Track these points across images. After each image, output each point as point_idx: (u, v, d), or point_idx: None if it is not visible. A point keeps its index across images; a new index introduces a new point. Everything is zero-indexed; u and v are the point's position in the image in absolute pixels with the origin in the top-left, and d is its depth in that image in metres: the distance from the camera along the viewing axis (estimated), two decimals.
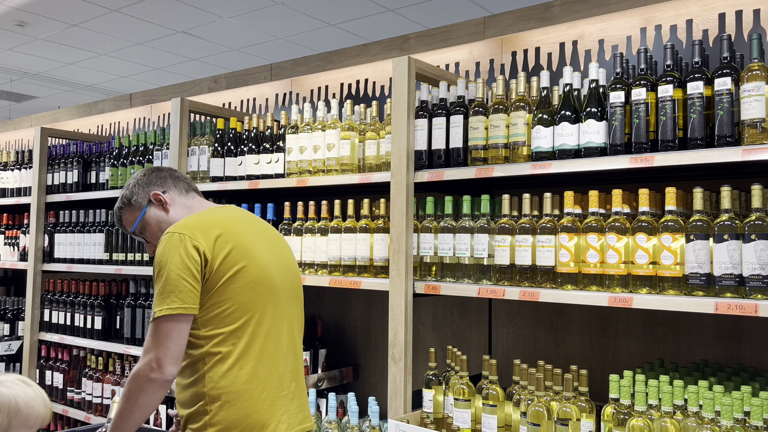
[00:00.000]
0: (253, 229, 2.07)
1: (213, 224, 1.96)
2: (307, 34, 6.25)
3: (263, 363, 1.94)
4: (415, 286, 2.53)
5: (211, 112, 3.51)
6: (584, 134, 2.16)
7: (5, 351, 4.21)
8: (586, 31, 2.89)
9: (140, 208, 2.14)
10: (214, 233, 1.92)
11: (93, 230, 3.89)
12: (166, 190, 2.16)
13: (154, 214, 2.13)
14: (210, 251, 1.88)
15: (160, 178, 2.17)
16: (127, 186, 2.19)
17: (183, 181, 2.21)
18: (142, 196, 2.14)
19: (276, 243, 2.14)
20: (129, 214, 2.16)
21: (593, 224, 2.14)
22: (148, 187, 2.15)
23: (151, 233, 2.14)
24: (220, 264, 1.89)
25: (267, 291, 1.98)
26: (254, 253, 1.97)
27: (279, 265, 2.06)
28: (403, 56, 2.55)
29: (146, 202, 2.13)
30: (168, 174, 2.20)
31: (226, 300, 1.89)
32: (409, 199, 2.53)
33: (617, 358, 2.67)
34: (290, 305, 2.10)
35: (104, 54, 7.24)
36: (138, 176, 2.19)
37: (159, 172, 2.19)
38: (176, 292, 1.82)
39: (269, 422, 1.91)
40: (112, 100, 5.06)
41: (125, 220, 2.18)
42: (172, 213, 2.13)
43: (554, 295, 2.18)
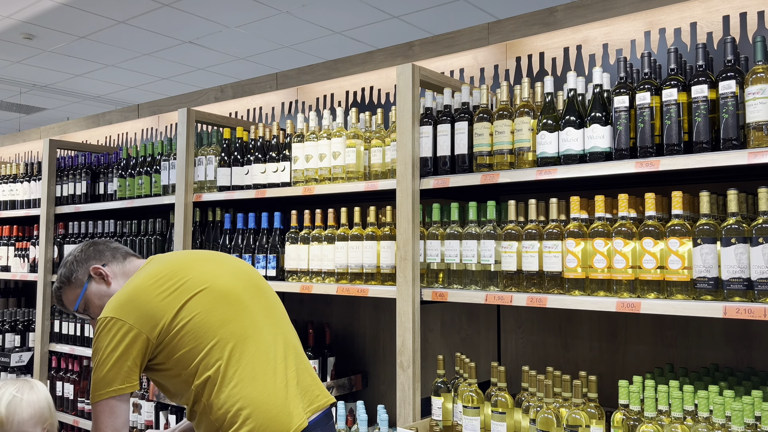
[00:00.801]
0: (184, 257, 2.10)
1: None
2: (313, 42, 6.28)
3: (253, 363, 1.91)
4: (422, 293, 2.53)
5: (218, 122, 3.53)
6: (589, 139, 2.16)
7: (16, 362, 4.23)
8: (590, 35, 2.89)
9: (81, 285, 2.08)
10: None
11: None
12: (105, 263, 2.11)
13: (96, 290, 2.08)
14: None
15: (98, 252, 2.12)
16: (65, 264, 2.12)
17: (119, 250, 2.17)
18: (82, 272, 2.09)
19: (215, 258, 2.13)
20: (69, 292, 2.10)
21: (600, 229, 2.13)
22: (87, 263, 2.09)
23: (94, 310, 2.09)
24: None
25: (222, 302, 1.95)
26: (194, 280, 1.95)
27: (225, 272, 2.03)
28: (407, 63, 2.56)
29: (86, 277, 2.08)
30: (105, 246, 2.15)
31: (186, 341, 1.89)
32: (415, 206, 2.53)
33: (627, 363, 2.66)
34: (255, 299, 2.03)
35: (111, 65, 7.30)
36: (75, 253, 2.13)
37: (95, 246, 2.15)
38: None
39: (284, 413, 1.89)
40: (120, 111, 5.10)
41: (66, 300, 2.12)
42: (113, 286, 2.08)
43: (562, 300, 2.17)
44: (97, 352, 1.85)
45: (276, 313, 2.07)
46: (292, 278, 2.99)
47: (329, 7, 5.35)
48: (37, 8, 5.47)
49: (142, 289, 1.92)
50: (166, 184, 3.56)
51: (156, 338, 1.86)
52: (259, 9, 5.43)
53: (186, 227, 3.35)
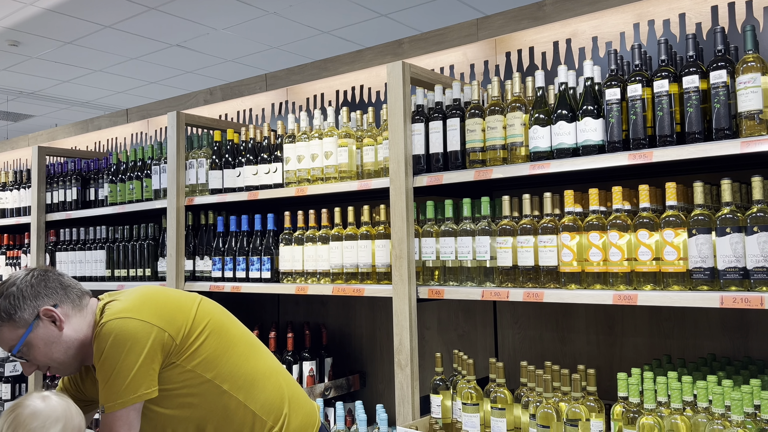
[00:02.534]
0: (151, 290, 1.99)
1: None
2: (301, 43, 6.25)
3: (265, 360, 2.01)
4: (419, 291, 2.53)
5: (208, 125, 3.51)
6: (582, 132, 2.16)
7: (11, 372, 4.20)
8: (579, 29, 2.88)
9: (25, 326, 1.79)
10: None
11: (94, 247, 3.88)
12: (57, 303, 1.83)
13: (44, 334, 1.80)
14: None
15: (49, 289, 1.83)
16: (6, 295, 1.79)
17: (72, 289, 1.89)
18: (29, 312, 1.79)
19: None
20: (8, 331, 1.79)
21: (594, 222, 2.13)
22: (35, 301, 1.80)
23: (36, 355, 1.82)
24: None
25: (221, 312, 2.01)
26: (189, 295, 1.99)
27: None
28: (397, 61, 2.55)
29: (33, 318, 1.79)
30: (57, 283, 1.86)
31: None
32: (409, 204, 2.52)
33: (624, 355, 2.66)
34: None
35: (99, 70, 7.25)
36: (19, 284, 1.81)
37: (46, 281, 1.85)
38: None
39: (312, 402, 2.08)
40: (109, 116, 5.06)
41: (1, 339, 1.81)
42: (66, 331, 1.82)
43: (558, 295, 2.17)
44: (116, 358, 1.70)
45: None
46: (287, 280, 2.98)
47: (316, 6, 5.34)
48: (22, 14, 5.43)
49: (152, 294, 1.88)
50: (157, 189, 3.54)
51: (180, 340, 1.79)
52: (247, 10, 5.40)
53: (179, 231, 3.33)
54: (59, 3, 5.26)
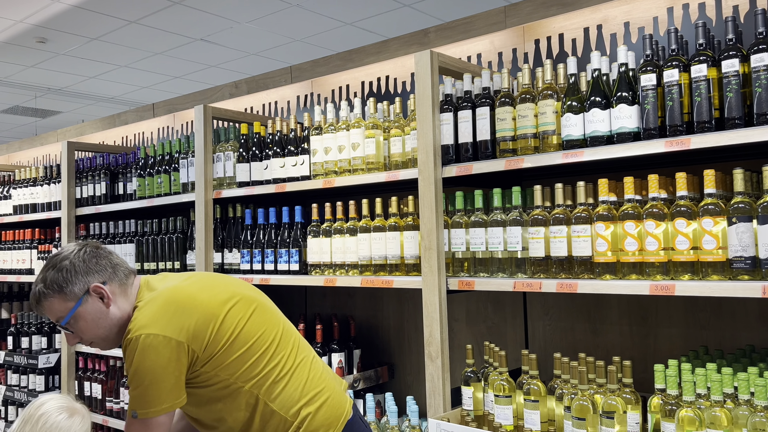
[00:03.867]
0: (197, 277, 2.06)
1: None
2: (324, 35, 6.24)
3: (295, 354, 2.02)
4: (448, 282, 2.50)
5: (234, 118, 3.51)
6: (616, 120, 2.11)
7: (44, 364, 4.27)
8: (610, 14, 2.82)
9: (75, 299, 1.83)
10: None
11: (123, 241, 3.92)
12: (106, 281, 1.87)
13: (92, 309, 1.85)
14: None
15: (100, 266, 1.88)
16: (57, 267, 1.85)
17: (120, 267, 1.94)
18: (79, 286, 1.83)
19: (220, 276, 2.17)
20: (58, 303, 1.84)
21: (630, 211, 2.08)
22: (86, 276, 1.85)
23: (82, 328, 1.87)
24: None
25: (255, 307, 2.01)
26: (228, 290, 1.99)
27: (238, 285, 2.08)
28: (425, 50, 2.52)
29: (83, 293, 1.84)
30: (107, 260, 1.91)
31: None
32: (438, 195, 2.50)
33: (658, 346, 2.61)
34: (267, 302, 2.12)
35: (124, 66, 7.31)
36: (72, 258, 1.86)
37: (98, 258, 1.89)
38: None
39: (341, 394, 2.07)
40: (135, 111, 5.10)
41: (50, 309, 1.86)
42: (112, 309, 1.87)
43: (593, 285, 2.13)
44: (145, 373, 1.75)
45: (280, 314, 2.15)
46: (315, 272, 2.97)
47: None
48: (49, 11, 5.49)
49: (189, 294, 1.89)
50: (185, 182, 3.55)
51: (203, 351, 1.84)
52: (270, 3, 5.40)
53: (207, 224, 3.34)
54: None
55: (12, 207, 4.77)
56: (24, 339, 4.48)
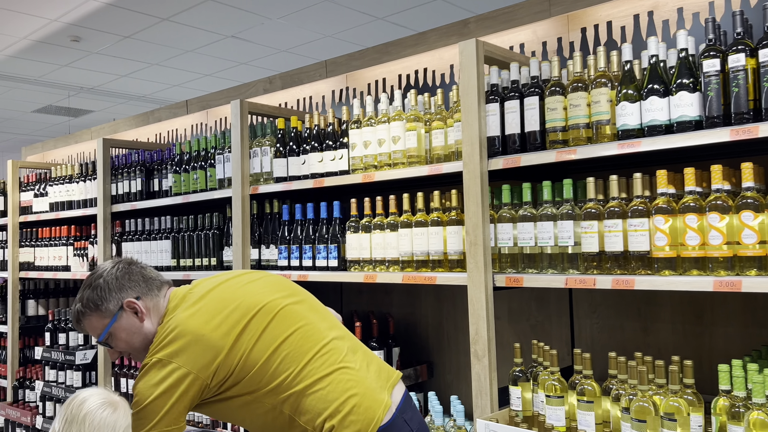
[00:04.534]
0: (224, 284, 2.05)
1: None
2: (356, 30, 6.19)
3: (320, 361, 1.90)
4: (495, 279, 2.42)
5: (271, 113, 3.47)
6: (676, 108, 2.01)
7: (81, 360, 4.28)
8: (660, 0, 2.71)
9: (110, 316, 1.90)
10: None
11: (159, 237, 3.91)
12: (140, 296, 1.93)
13: (127, 324, 1.91)
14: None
15: (132, 281, 1.94)
16: (93, 286, 1.92)
17: (154, 282, 2.00)
18: (114, 303, 1.90)
19: (251, 276, 2.12)
20: (95, 320, 1.92)
21: (691, 204, 1.98)
22: (120, 293, 1.91)
23: (118, 343, 1.94)
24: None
25: (278, 316, 1.95)
26: (246, 304, 1.93)
27: (267, 288, 2.03)
28: (470, 39, 2.44)
29: (118, 309, 1.90)
30: (140, 276, 1.98)
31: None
32: (484, 189, 2.42)
33: (714, 346, 2.50)
34: (300, 303, 2.04)
35: (156, 64, 7.35)
36: (106, 276, 1.93)
37: (130, 274, 1.96)
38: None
39: (375, 393, 1.90)
40: (169, 108, 5.10)
41: (89, 326, 1.94)
42: (146, 324, 1.92)
43: (651, 282, 2.04)
44: (146, 394, 1.75)
45: (321, 310, 2.09)
46: (354, 268, 2.91)
47: None
48: (83, 10, 5.52)
49: (193, 328, 1.84)
50: (221, 178, 3.52)
51: (212, 378, 1.81)
52: None
53: (244, 220, 3.31)
54: None
55: (48, 204, 4.80)
56: (61, 335, 4.50)
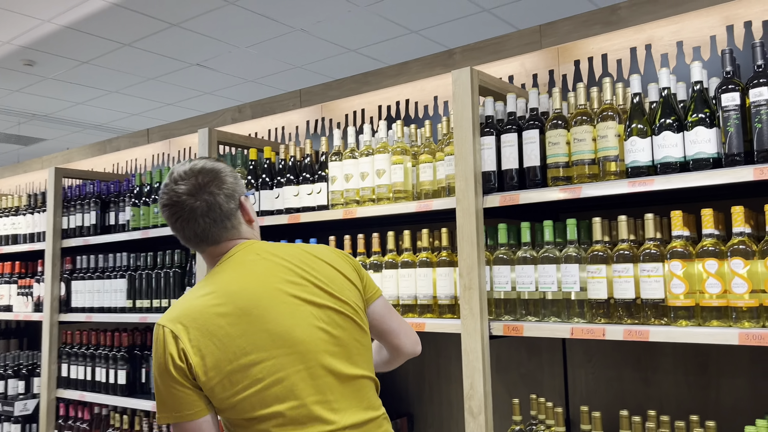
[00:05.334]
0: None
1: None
2: (326, 62, 6.04)
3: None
4: (491, 326, 2.21)
5: (242, 143, 3.24)
6: (692, 144, 1.86)
7: (21, 411, 3.87)
8: (656, 34, 2.61)
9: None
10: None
11: (114, 276, 3.59)
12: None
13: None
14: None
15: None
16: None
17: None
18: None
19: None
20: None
21: (710, 248, 1.82)
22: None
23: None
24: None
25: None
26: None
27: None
28: (464, 68, 2.28)
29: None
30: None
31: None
32: (479, 227, 2.23)
33: (722, 399, 2.33)
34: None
35: (115, 91, 7.05)
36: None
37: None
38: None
39: None
40: (128, 137, 4.81)
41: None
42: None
43: (667, 333, 1.86)
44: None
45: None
46: None
47: (347, 22, 5.12)
48: (38, 32, 5.23)
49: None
50: None
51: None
52: (273, 27, 5.19)
53: None
54: (78, 20, 5.06)
55: None
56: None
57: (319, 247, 1.74)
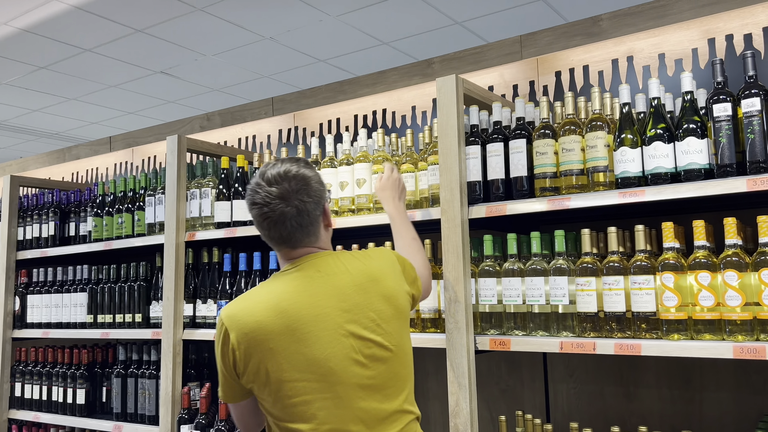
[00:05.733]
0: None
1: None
2: (294, 72, 5.93)
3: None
4: (476, 341, 2.15)
5: (213, 151, 3.12)
6: (683, 155, 1.84)
7: None
8: (636, 47, 2.61)
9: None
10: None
11: (74, 289, 3.41)
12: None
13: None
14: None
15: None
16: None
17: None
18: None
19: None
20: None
21: (703, 260, 1.80)
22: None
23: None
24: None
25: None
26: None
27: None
28: (449, 75, 2.22)
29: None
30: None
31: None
32: (464, 239, 2.16)
33: (705, 413, 2.31)
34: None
35: (73, 99, 6.79)
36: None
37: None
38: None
39: None
40: (89, 145, 4.62)
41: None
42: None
43: (660, 347, 1.82)
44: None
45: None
46: None
47: (315, 32, 5.04)
48: None
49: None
50: (152, 222, 3.11)
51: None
52: (241, 35, 5.07)
53: (178, 271, 2.90)
54: (36, 23, 4.86)
55: None
56: None
57: (380, 265, 1.74)
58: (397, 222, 2.09)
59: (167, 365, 2.85)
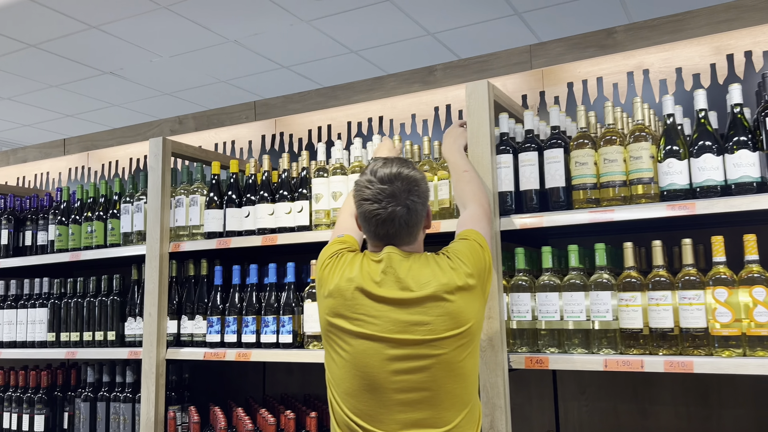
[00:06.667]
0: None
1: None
2: (256, 77, 5.70)
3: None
4: (510, 360, 2.04)
5: (200, 156, 2.89)
6: (735, 167, 1.81)
7: None
8: (646, 60, 2.61)
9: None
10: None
11: (32, 305, 3.07)
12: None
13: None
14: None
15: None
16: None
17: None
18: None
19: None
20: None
21: (756, 275, 1.76)
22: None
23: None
24: None
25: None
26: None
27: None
28: (481, 80, 2.13)
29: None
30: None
31: None
32: (497, 252, 2.06)
33: (724, 430, 2.29)
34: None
35: (6, 98, 6.29)
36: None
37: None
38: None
39: None
40: (39, 147, 4.25)
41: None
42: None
43: (713, 364, 1.77)
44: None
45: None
46: (313, 345, 2.39)
47: (283, 37, 4.85)
48: None
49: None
50: (127, 232, 2.85)
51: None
52: (204, 36, 4.81)
53: (161, 284, 2.65)
54: None
55: None
56: None
57: (454, 274, 1.64)
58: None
59: (149, 387, 2.60)
